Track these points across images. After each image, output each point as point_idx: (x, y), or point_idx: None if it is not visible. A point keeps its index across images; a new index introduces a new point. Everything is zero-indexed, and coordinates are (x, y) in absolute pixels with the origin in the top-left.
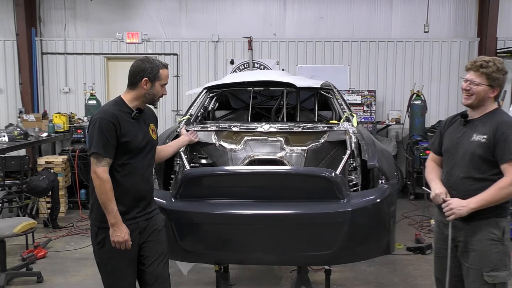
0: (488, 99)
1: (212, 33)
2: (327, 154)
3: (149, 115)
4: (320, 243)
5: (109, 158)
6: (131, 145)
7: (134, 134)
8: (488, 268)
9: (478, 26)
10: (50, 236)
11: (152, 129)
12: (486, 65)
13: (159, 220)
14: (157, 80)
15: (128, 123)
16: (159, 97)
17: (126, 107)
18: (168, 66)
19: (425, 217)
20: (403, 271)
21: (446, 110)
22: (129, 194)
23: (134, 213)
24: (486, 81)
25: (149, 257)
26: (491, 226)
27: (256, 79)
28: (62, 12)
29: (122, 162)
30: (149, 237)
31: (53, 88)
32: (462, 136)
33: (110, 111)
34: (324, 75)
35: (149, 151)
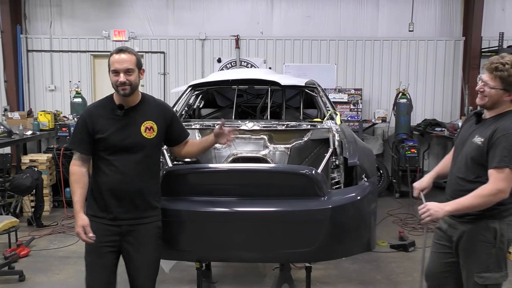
0: (502, 102)
1: (199, 31)
2: (310, 152)
3: (147, 112)
4: (301, 240)
5: (80, 153)
6: (107, 142)
7: (112, 131)
8: (478, 269)
9: (463, 26)
10: (33, 234)
11: (147, 126)
12: (502, 68)
13: (150, 229)
14: (109, 70)
15: (106, 120)
16: (118, 86)
17: (112, 103)
18: (120, 50)
19: (410, 215)
20: (386, 269)
21: (431, 109)
22: (108, 191)
23: (116, 213)
24: (501, 85)
25: (132, 266)
26: (481, 228)
27: (241, 77)
28: (48, 9)
29: (102, 157)
30: (134, 245)
31: (39, 86)
32: (470, 135)
33: (89, 108)
34: (311, 73)
35: (137, 151)
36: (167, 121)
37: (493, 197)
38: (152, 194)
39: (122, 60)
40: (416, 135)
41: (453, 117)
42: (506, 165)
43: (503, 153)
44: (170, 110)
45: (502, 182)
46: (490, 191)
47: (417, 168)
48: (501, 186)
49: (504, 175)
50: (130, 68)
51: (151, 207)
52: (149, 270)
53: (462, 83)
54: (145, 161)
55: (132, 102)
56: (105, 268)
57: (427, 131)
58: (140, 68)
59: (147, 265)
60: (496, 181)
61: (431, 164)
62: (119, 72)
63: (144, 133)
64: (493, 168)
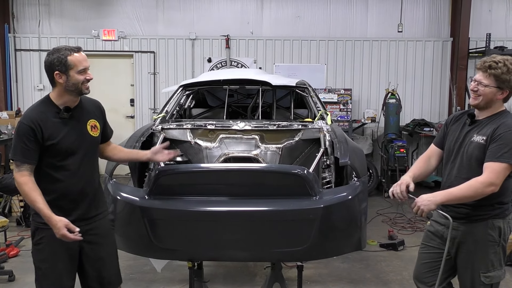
0: (496, 101)
1: (189, 31)
2: (301, 152)
3: (88, 110)
4: (292, 239)
5: (28, 164)
6: (59, 147)
7: (63, 135)
8: (485, 269)
9: (451, 27)
10: (23, 234)
11: (92, 125)
12: (495, 66)
13: (105, 223)
14: (70, 69)
15: (53, 124)
16: (84, 84)
17: (53, 106)
18: (79, 49)
19: (399, 214)
20: (376, 267)
21: (420, 109)
22: (66, 196)
23: (75, 216)
24: (495, 83)
25: (91, 260)
26: (488, 227)
27: (232, 77)
28: (36, 8)
29: (54, 164)
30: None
31: (27, 85)
32: (465, 136)
33: (31, 114)
34: (301, 73)
35: (87, 150)
36: (104, 119)
37: (484, 188)
38: (100, 189)
39: (86, 58)
40: (405, 135)
41: (441, 117)
42: (504, 160)
43: (503, 149)
44: (103, 107)
45: (496, 176)
46: (482, 183)
47: (406, 168)
48: (493, 180)
49: (500, 170)
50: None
51: (102, 202)
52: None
53: (450, 83)
54: (93, 160)
55: (74, 102)
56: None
57: (416, 131)
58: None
59: (112, 255)
60: (490, 174)
61: None
62: (86, 70)
63: (91, 132)
64: (490, 161)
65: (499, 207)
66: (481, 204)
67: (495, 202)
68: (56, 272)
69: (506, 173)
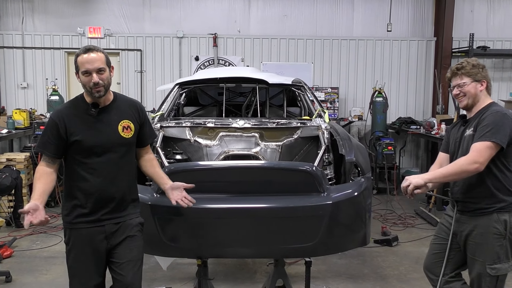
0: (480, 94)
1: (176, 29)
2: (300, 149)
3: (122, 110)
4: (301, 235)
5: (47, 156)
6: (83, 143)
7: (88, 132)
8: (491, 261)
9: (435, 26)
10: (14, 235)
11: (125, 126)
12: (461, 66)
13: (134, 225)
14: (79, 70)
15: (80, 120)
16: (91, 88)
17: (84, 103)
18: (88, 49)
19: (389, 210)
20: (373, 263)
21: (405, 107)
22: (91, 195)
23: (99, 215)
24: (470, 79)
25: (119, 263)
26: (493, 220)
27: (229, 75)
28: (19, 5)
29: (79, 161)
30: (119, 243)
31: (10, 83)
32: (461, 135)
33: (60, 109)
34: (288, 72)
35: (116, 151)
36: (141, 120)
37: (468, 166)
38: (132, 193)
39: (92, 59)
40: (392, 132)
41: (426, 115)
42: (486, 139)
43: (485, 129)
44: (143, 109)
45: (479, 154)
46: (466, 161)
47: (394, 165)
48: (477, 158)
49: (482, 148)
50: (101, 67)
51: (132, 205)
52: (137, 265)
53: (434, 82)
54: (124, 161)
55: (105, 101)
56: (94, 272)
57: (402, 129)
58: (110, 66)
59: (134, 260)
60: (474, 153)
61: (406, 161)
62: (91, 73)
63: (122, 133)
64: (474, 142)
65: (503, 199)
66: (486, 197)
67: (499, 195)
68: (82, 271)
69: (490, 152)
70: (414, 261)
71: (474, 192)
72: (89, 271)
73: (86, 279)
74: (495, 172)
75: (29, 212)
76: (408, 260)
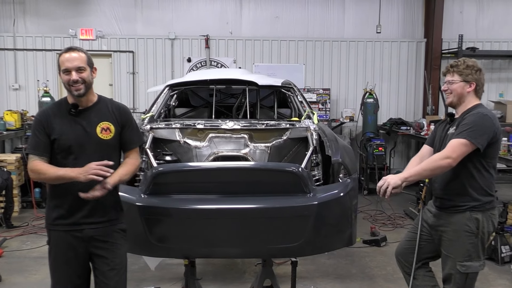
0: (467, 95)
1: (168, 30)
2: (289, 151)
3: (103, 112)
4: (287, 236)
5: (37, 156)
6: (60, 142)
7: (65, 131)
8: (461, 258)
9: (424, 28)
10: (4, 235)
11: (104, 127)
12: (455, 64)
13: (115, 232)
14: (60, 69)
15: (61, 120)
16: (70, 85)
17: (67, 104)
18: (70, 48)
19: (378, 211)
20: (360, 263)
21: (396, 108)
22: (67, 196)
23: (77, 218)
24: (459, 78)
25: (102, 271)
26: (466, 218)
27: (219, 77)
28: (11, 7)
29: (58, 161)
30: (100, 249)
31: (2, 84)
32: (446, 133)
33: (44, 109)
34: (280, 73)
35: (94, 152)
36: (122, 123)
37: (440, 160)
38: (111, 197)
39: (72, 58)
40: (383, 133)
41: (416, 116)
42: (461, 136)
43: (464, 127)
44: (127, 113)
45: (452, 150)
46: (439, 156)
47: (385, 166)
48: (449, 153)
49: (456, 145)
50: (81, 66)
51: (113, 210)
52: (121, 271)
53: (424, 83)
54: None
55: (87, 102)
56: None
57: (393, 130)
58: (92, 67)
59: (117, 268)
60: (448, 148)
61: (397, 161)
62: (71, 71)
63: (100, 134)
64: (453, 139)
65: (478, 199)
66: (461, 195)
67: (474, 194)
68: (61, 272)
69: (464, 149)
70: None
71: (450, 190)
72: (68, 273)
73: (65, 280)
74: (472, 171)
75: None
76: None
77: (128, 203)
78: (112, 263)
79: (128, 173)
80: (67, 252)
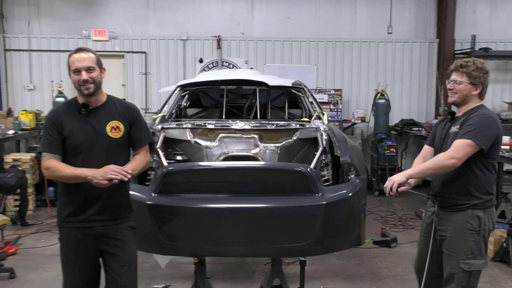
0: (471, 97)
1: (180, 31)
2: (299, 151)
3: (113, 111)
4: (295, 235)
5: (51, 153)
6: (70, 141)
7: (75, 130)
8: (464, 256)
9: (437, 28)
10: (19, 233)
11: (113, 126)
12: (465, 65)
13: (125, 230)
14: (70, 70)
15: (71, 119)
16: (80, 85)
17: (77, 104)
18: (79, 49)
19: (390, 212)
20: (370, 263)
21: (408, 109)
22: (78, 194)
23: (87, 215)
24: (467, 80)
25: (112, 268)
26: (468, 216)
27: (229, 78)
28: (26, 8)
29: (68, 159)
30: (110, 246)
31: (17, 85)
32: (447, 131)
33: (55, 108)
34: (292, 74)
35: (103, 150)
36: (131, 121)
37: (445, 160)
38: (122, 195)
39: (82, 58)
40: (394, 134)
41: (428, 117)
42: (466, 137)
43: (469, 128)
44: (136, 112)
45: (457, 150)
46: (444, 156)
47: (396, 167)
48: (454, 153)
49: (461, 145)
50: (91, 66)
51: (124, 208)
52: (131, 268)
53: (437, 84)
54: (111, 161)
55: (97, 102)
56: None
57: (404, 131)
58: (101, 67)
59: (128, 264)
60: (453, 149)
61: (408, 163)
62: (80, 71)
63: (110, 133)
64: (458, 139)
65: (479, 197)
66: (463, 194)
67: (476, 193)
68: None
69: (468, 150)
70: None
71: (452, 188)
72: (79, 269)
73: (76, 276)
74: (474, 170)
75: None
76: (406, 261)
77: (139, 201)
78: (122, 259)
79: (137, 168)
80: (78, 248)
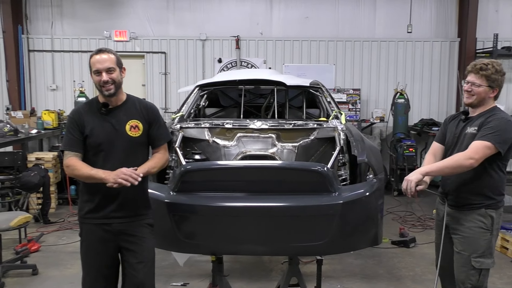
0: (488, 99)
1: (199, 31)
2: (316, 150)
3: (132, 110)
4: (312, 234)
5: (72, 152)
6: (90, 140)
7: (95, 129)
8: (476, 254)
9: (458, 27)
10: (42, 230)
11: (133, 125)
12: (485, 67)
13: (143, 227)
14: (91, 71)
15: (92, 118)
16: (101, 86)
17: (97, 103)
18: (100, 50)
19: (408, 212)
20: (388, 264)
21: (428, 109)
22: (98, 191)
23: (107, 212)
24: (486, 83)
25: (130, 264)
26: (481, 215)
27: (248, 78)
28: (49, 10)
29: (88, 157)
30: (129, 243)
31: (40, 85)
32: (461, 131)
33: (76, 108)
34: (310, 74)
35: (123, 149)
36: (150, 120)
37: (463, 161)
38: (141, 192)
39: (103, 60)
40: (414, 134)
41: None
42: (485, 139)
43: (489, 131)
44: (155, 111)
45: (475, 151)
46: (462, 156)
47: (415, 167)
48: (473, 154)
49: (480, 146)
50: (111, 67)
51: (142, 206)
52: (149, 265)
53: (457, 83)
54: (131, 160)
55: (117, 101)
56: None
57: (424, 131)
58: (121, 67)
59: (145, 261)
60: (471, 149)
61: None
62: (101, 72)
63: (129, 132)
64: (477, 140)
65: (493, 197)
66: (477, 194)
67: (489, 193)
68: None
69: (487, 152)
70: (430, 263)
71: (466, 188)
72: (98, 264)
73: (95, 270)
74: (489, 171)
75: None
76: (425, 262)
77: (157, 200)
78: (140, 256)
79: (156, 166)
80: (97, 244)
